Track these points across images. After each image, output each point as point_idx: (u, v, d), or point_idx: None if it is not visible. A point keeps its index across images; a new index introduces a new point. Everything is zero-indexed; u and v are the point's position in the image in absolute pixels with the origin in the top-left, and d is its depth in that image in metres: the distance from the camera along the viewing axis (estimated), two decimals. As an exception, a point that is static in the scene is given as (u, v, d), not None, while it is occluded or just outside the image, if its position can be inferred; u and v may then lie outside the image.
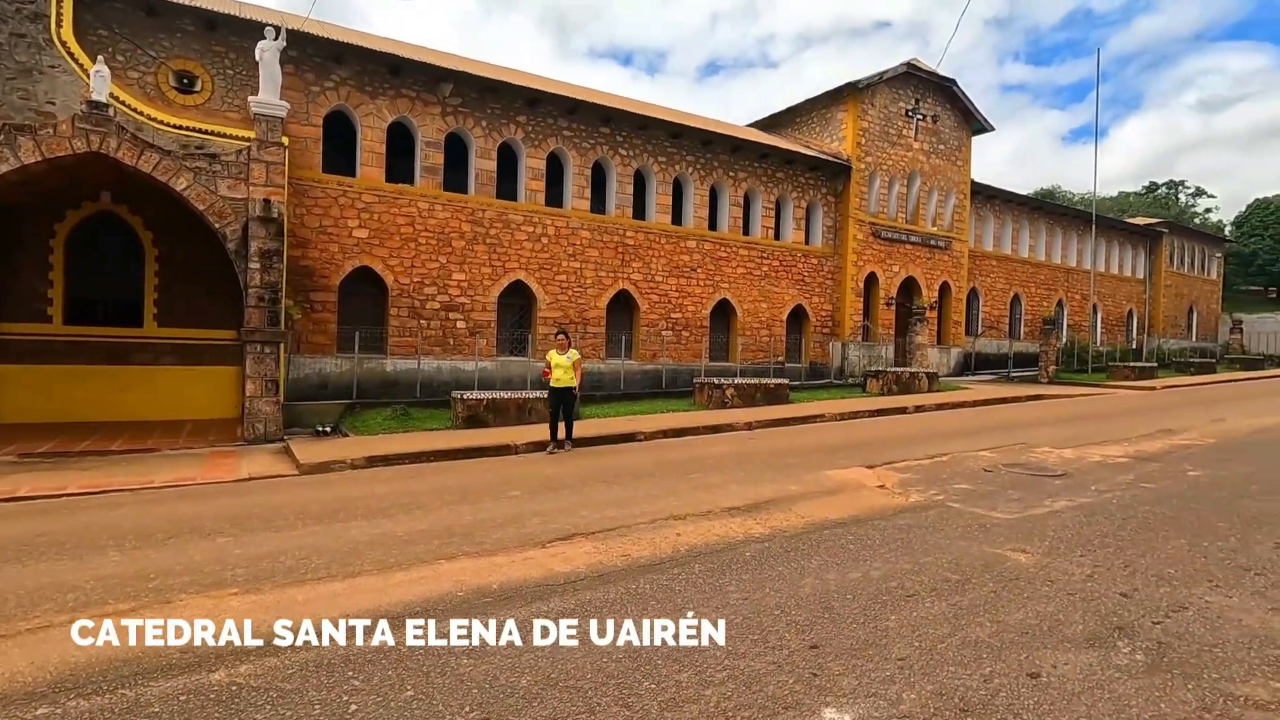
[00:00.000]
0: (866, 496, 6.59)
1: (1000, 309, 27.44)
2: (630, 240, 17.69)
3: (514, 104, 15.93)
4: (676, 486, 7.01)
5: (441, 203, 15.11)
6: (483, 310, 15.59)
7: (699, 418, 12.15)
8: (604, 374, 17.13)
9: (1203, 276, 37.64)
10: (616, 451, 9.51)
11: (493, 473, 7.95)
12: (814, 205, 21.46)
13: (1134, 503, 6.30)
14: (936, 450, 9.17)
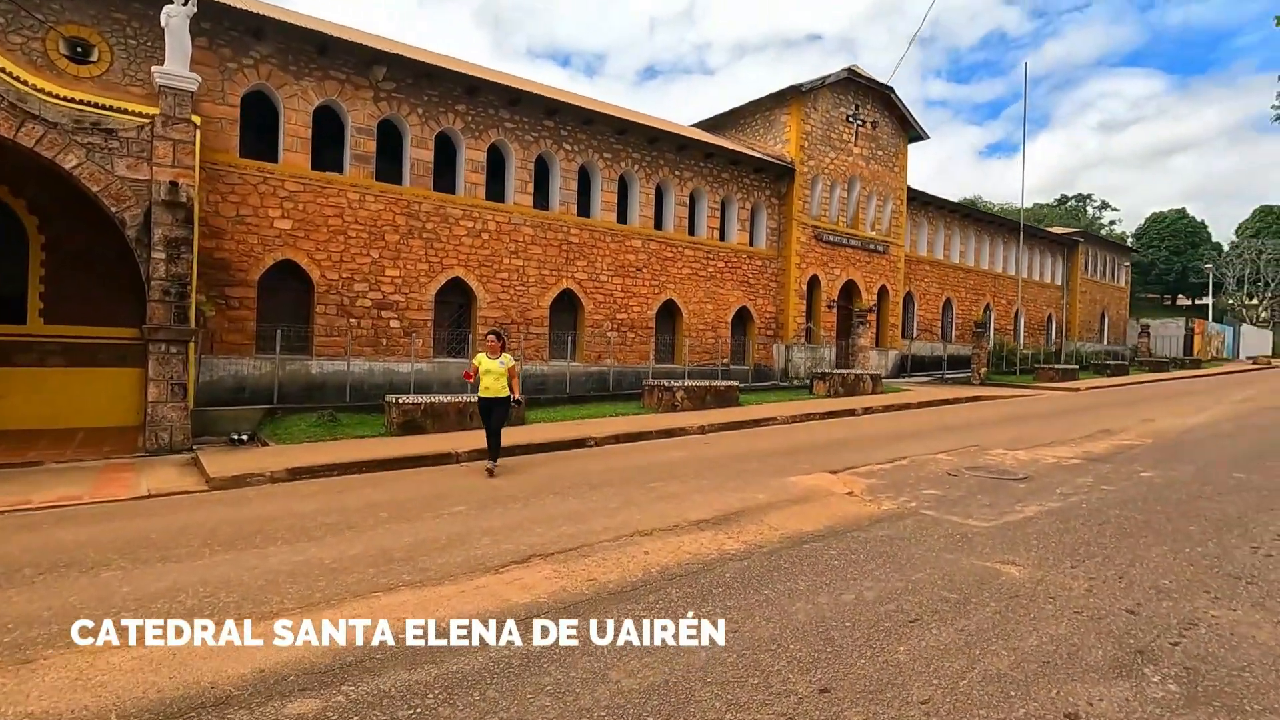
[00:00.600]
0: (837, 505, 6.26)
1: (933, 313, 28.20)
2: (575, 238, 17.11)
3: (452, 92, 15.11)
4: (636, 496, 6.51)
5: (374, 194, 14.13)
6: (419, 308, 14.69)
7: (650, 421, 11.69)
8: (548, 376, 16.48)
9: (1113, 284, 39.93)
10: (567, 458, 8.92)
11: (433, 485, 7.24)
12: (758, 207, 21.40)
13: (1102, 507, 6.20)
14: (895, 453, 9.00)
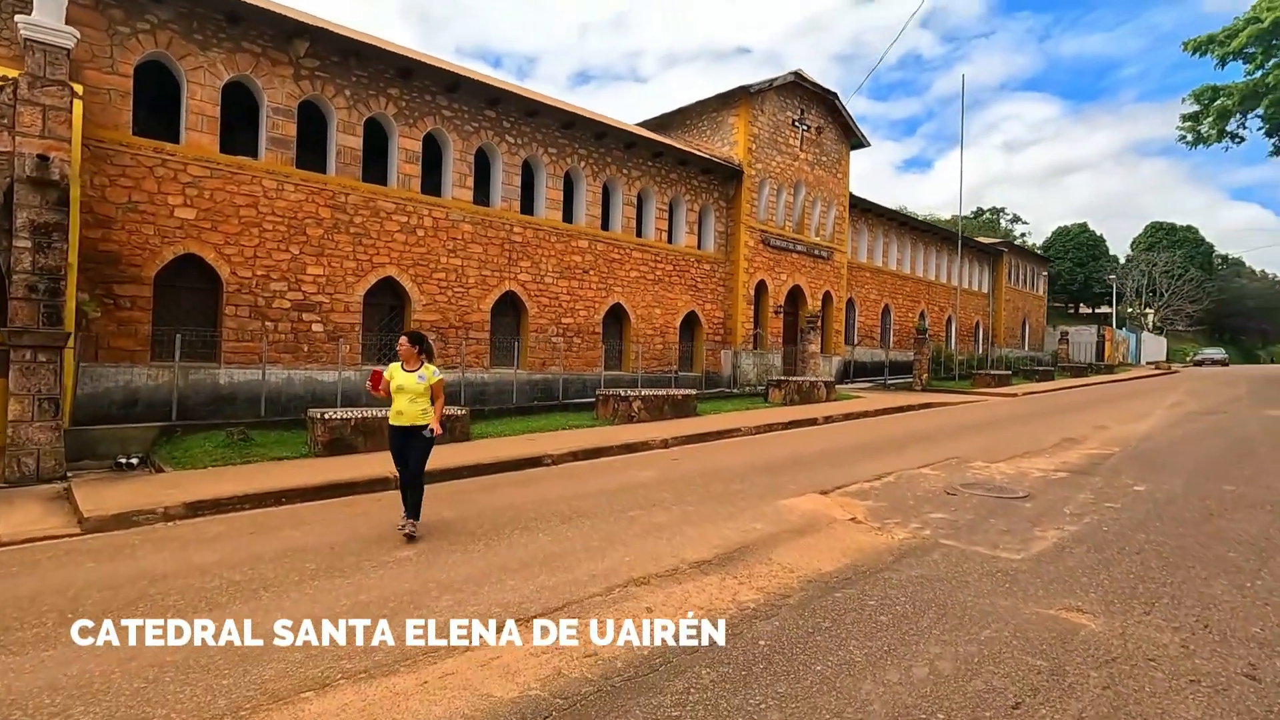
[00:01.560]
0: (846, 535, 5.52)
1: (873, 319, 28.44)
2: (518, 237, 15.99)
3: (384, 74, 13.76)
4: (618, 531, 5.58)
5: (294, 182, 12.64)
6: (345, 311, 13.25)
7: (609, 435, 10.75)
8: (489, 385, 15.28)
9: (1033, 292, 41.75)
10: (524, 482, 7.88)
11: (370, 520, 6.08)
12: (706, 209, 20.84)
13: (1122, 530, 5.71)
14: (878, 468, 8.42)
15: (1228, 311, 74.30)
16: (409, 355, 5.75)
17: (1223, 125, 29.22)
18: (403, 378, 5.63)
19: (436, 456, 8.45)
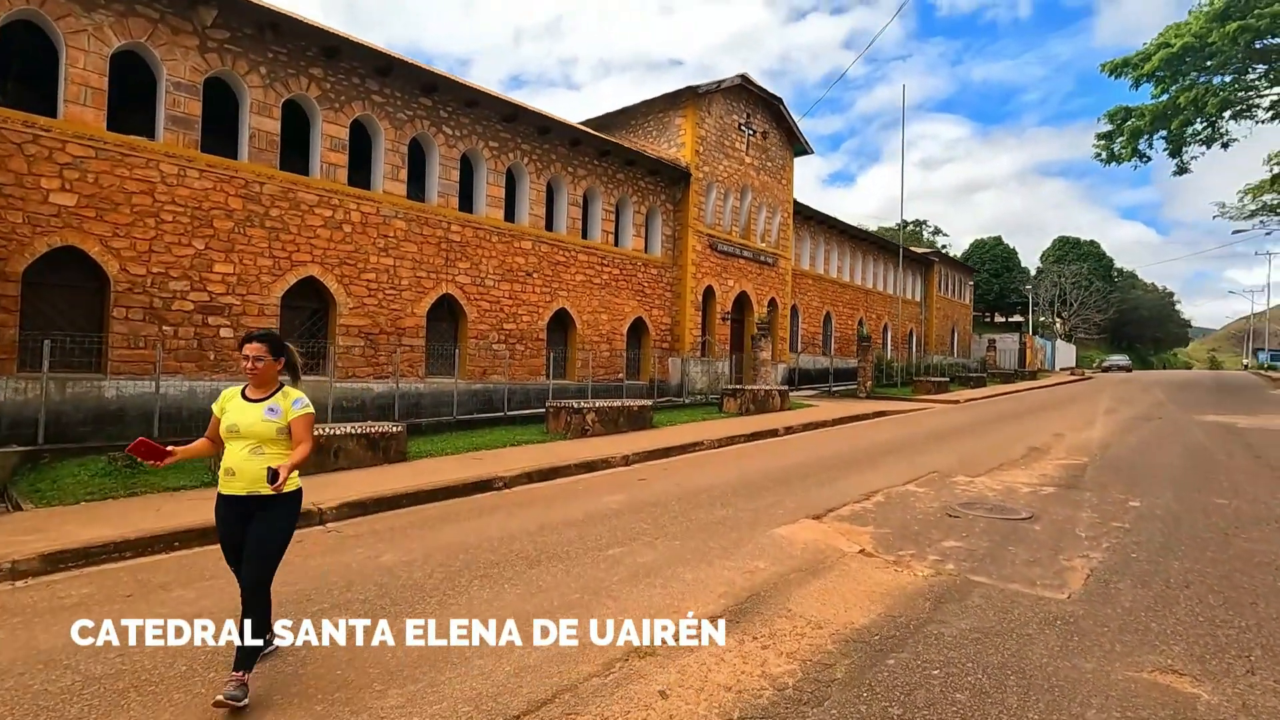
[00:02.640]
0: (863, 573, 4.79)
1: (815, 326, 28.44)
2: (456, 236, 14.79)
3: (306, 51, 12.37)
4: (600, 578, 4.66)
5: (199, 168, 11.11)
6: (260, 314, 11.76)
7: (564, 452, 9.77)
8: (424, 396, 14.00)
9: (960, 301, 43.15)
10: (475, 511, 6.82)
11: (288, 568, 4.93)
12: (653, 212, 20.12)
13: (1154, 558, 5.22)
14: (862, 486, 7.80)
15: (1125, 320, 79.72)
16: (262, 374, 3.40)
17: (1134, 144, 30.87)
18: (242, 413, 3.33)
19: (369, 481, 7.33)
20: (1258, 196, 40.16)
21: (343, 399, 12.59)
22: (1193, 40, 24.96)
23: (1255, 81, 26.54)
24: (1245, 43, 24.07)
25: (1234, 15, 24.05)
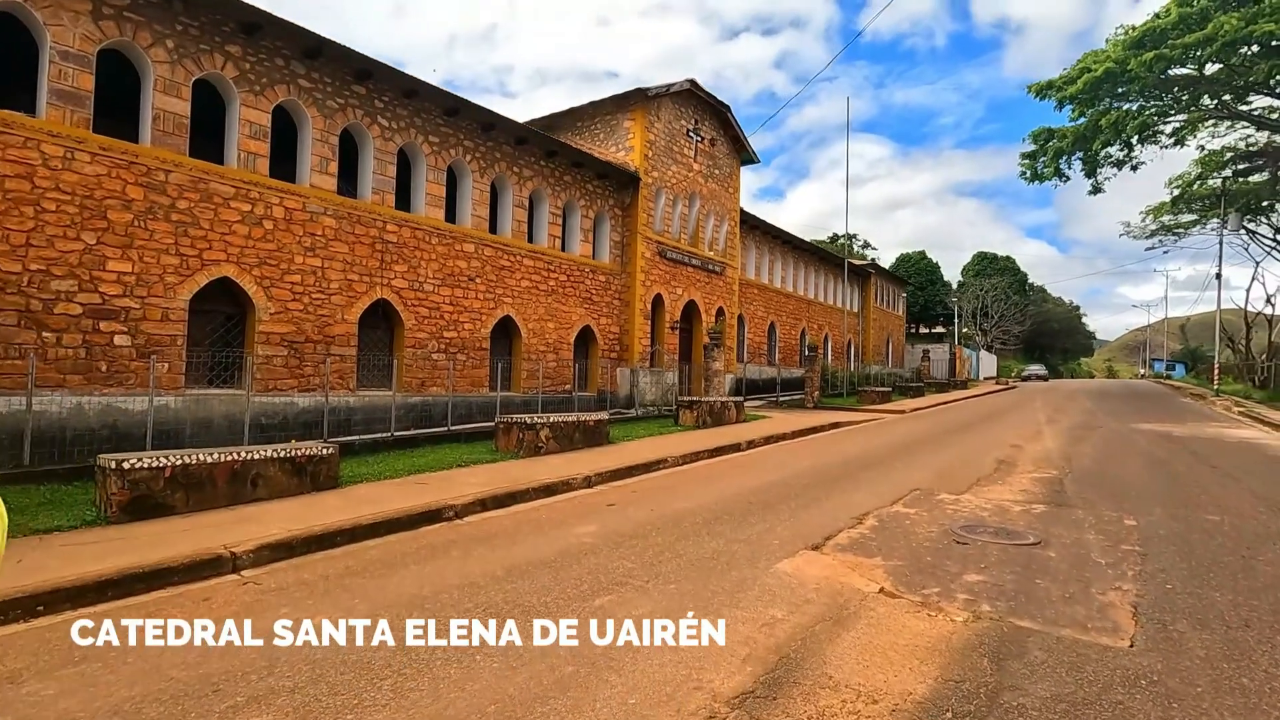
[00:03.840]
0: (894, 620, 4.14)
1: (761, 336, 28.28)
2: (392, 236, 13.60)
3: (221, 26, 11.04)
4: (593, 639, 3.82)
5: (91, 151, 9.64)
6: (163, 320, 10.31)
7: (519, 473, 8.82)
8: (356, 411, 12.72)
9: (894, 312, 44.22)
10: (427, 551, 5.83)
11: (189, 653, 3.87)
12: (601, 216, 19.35)
13: (1193, 591, 4.81)
14: (850, 508, 7.23)
15: (1039, 332, 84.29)
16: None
17: (1056, 164, 32.32)
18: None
19: (296, 514, 6.19)
20: (1157, 217, 43.02)
21: (262, 415, 11.22)
22: (1113, 66, 26.24)
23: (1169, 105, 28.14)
24: (1159, 70, 25.48)
25: (1149, 45, 25.43)
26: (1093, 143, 29.43)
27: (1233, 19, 22.08)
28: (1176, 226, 43.20)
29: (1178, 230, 43.44)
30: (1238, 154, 34.66)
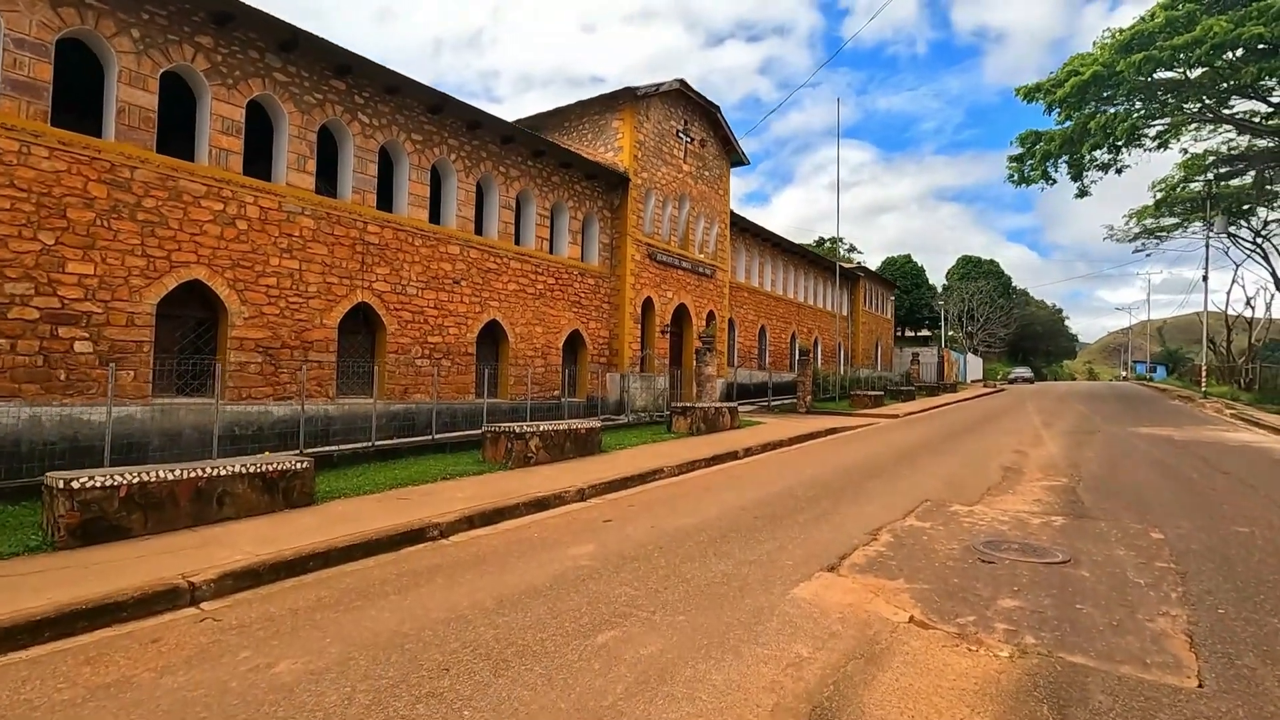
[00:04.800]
0: (932, 655, 3.70)
1: (751, 340, 27.94)
2: (374, 237, 13.06)
3: (191, 15, 10.48)
4: (597, 688, 3.34)
5: (49, 145, 9.04)
6: (128, 325, 9.71)
7: (508, 486, 8.32)
8: (336, 419, 12.15)
9: (883, 316, 44.11)
10: (408, 577, 5.32)
11: (129, 692, 3.35)
12: (590, 218, 18.90)
13: (1245, 613, 4.43)
14: (862, 522, 6.82)
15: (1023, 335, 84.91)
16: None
17: (1044, 167, 32.32)
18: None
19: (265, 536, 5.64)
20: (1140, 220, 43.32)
21: (235, 424, 10.64)
22: (1101, 69, 26.22)
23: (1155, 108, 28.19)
24: (1148, 73, 25.50)
25: (1137, 48, 25.44)
26: (1080, 146, 29.42)
27: (1222, 21, 22.08)
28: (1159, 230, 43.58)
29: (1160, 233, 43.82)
30: (1220, 158, 34.96)
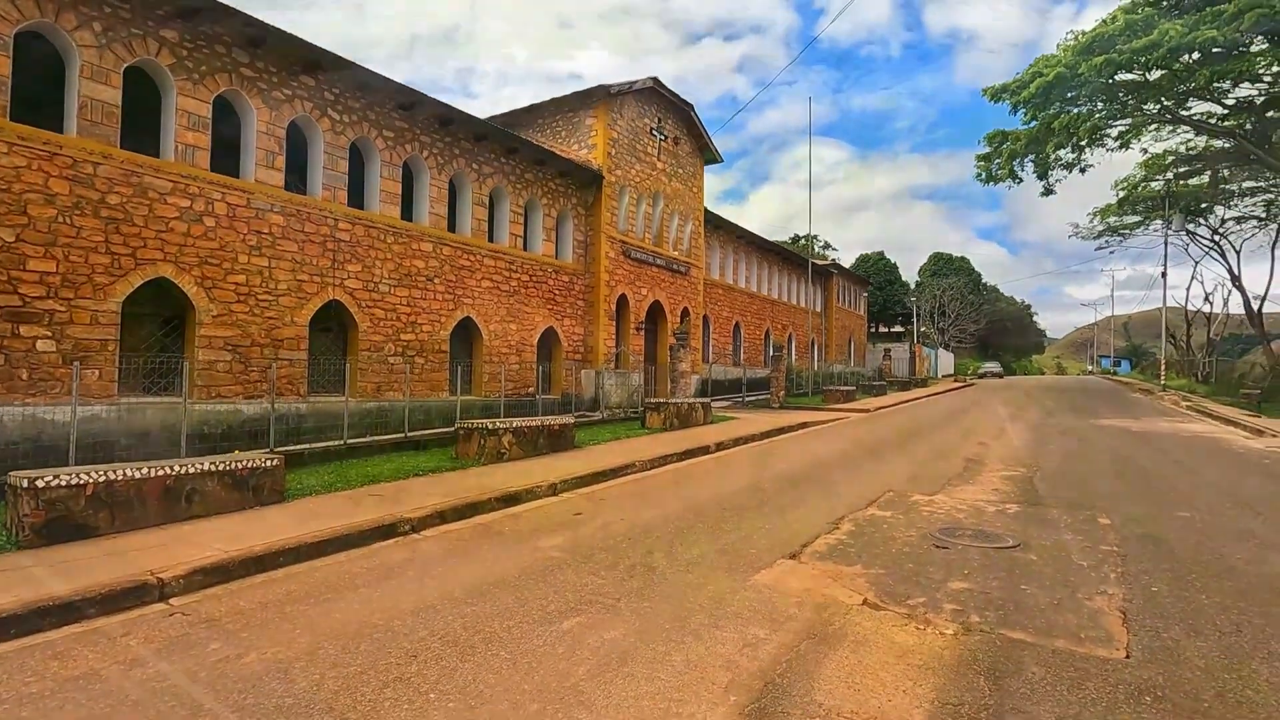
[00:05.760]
0: (883, 635, 3.89)
1: (726, 336, 28.20)
2: (345, 234, 13.00)
3: (155, 9, 10.34)
4: (560, 670, 3.47)
5: (8, 141, 8.89)
6: (92, 323, 9.59)
7: (480, 482, 8.39)
8: (307, 418, 12.09)
9: (855, 312, 44.73)
10: (379, 571, 5.40)
11: (95, 685, 3.41)
12: (564, 215, 18.96)
13: (1179, 592, 4.68)
14: (826, 512, 7.02)
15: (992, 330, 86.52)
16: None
17: (1010, 166, 33.05)
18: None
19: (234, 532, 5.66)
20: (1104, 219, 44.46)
21: (204, 423, 10.55)
22: (1064, 71, 26.88)
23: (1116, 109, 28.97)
24: (1108, 75, 26.21)
25: (1098, 50, 26.13)
26: (1045, 145, 30.13)
27: (1177, 25, 22.78)
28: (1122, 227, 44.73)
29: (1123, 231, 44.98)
30: (1179, 157, 36.03)
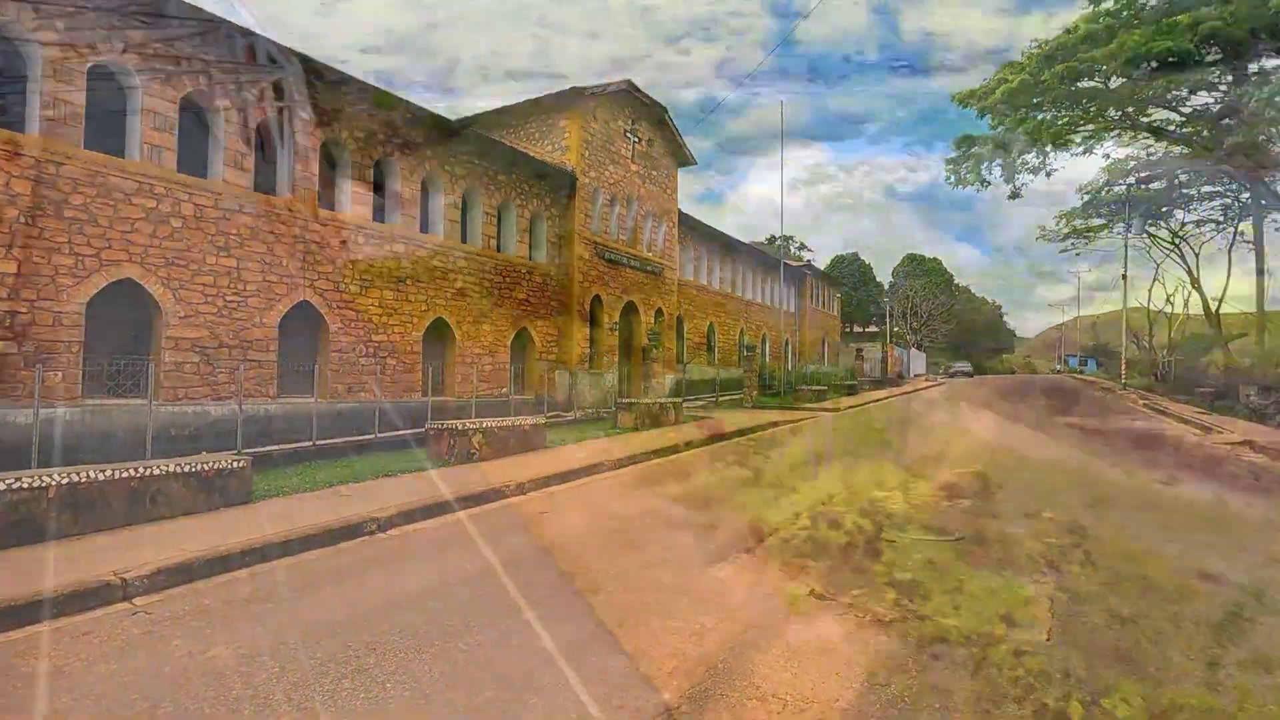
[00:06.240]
0: (824, 623, 4.10)
1: (700, 337, 28.46)
2: (315, 235, 12.99)
3: (121, 8, 10.26)
4: (517, 660, 3.63)
5: (-34, 140, 8.80)
6: (55, 325, 9.52)
7: (451, 482, 8.49)
8: (277, 419, 12.04)
9: (829, 312, 45.34)
10: (345, 569, 5.50)
11: (61, 681, 3.49)
12: (538, 217, 19.05)
13: (1107, 579, 4.97)
14: (786, 509, 7.26)
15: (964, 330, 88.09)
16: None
17: (979, 170, 33.81)
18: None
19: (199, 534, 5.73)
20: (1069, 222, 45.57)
21: (171, 425, 10.48)
22: (1028, 78, 27.61)
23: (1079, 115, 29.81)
24: (1070, 82, 26.97)
25: (1060, 59, 26.88)
26: (1011, 150, 30.88)
27: (1135, 35, 23.52)
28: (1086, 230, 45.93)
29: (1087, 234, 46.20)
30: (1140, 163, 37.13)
